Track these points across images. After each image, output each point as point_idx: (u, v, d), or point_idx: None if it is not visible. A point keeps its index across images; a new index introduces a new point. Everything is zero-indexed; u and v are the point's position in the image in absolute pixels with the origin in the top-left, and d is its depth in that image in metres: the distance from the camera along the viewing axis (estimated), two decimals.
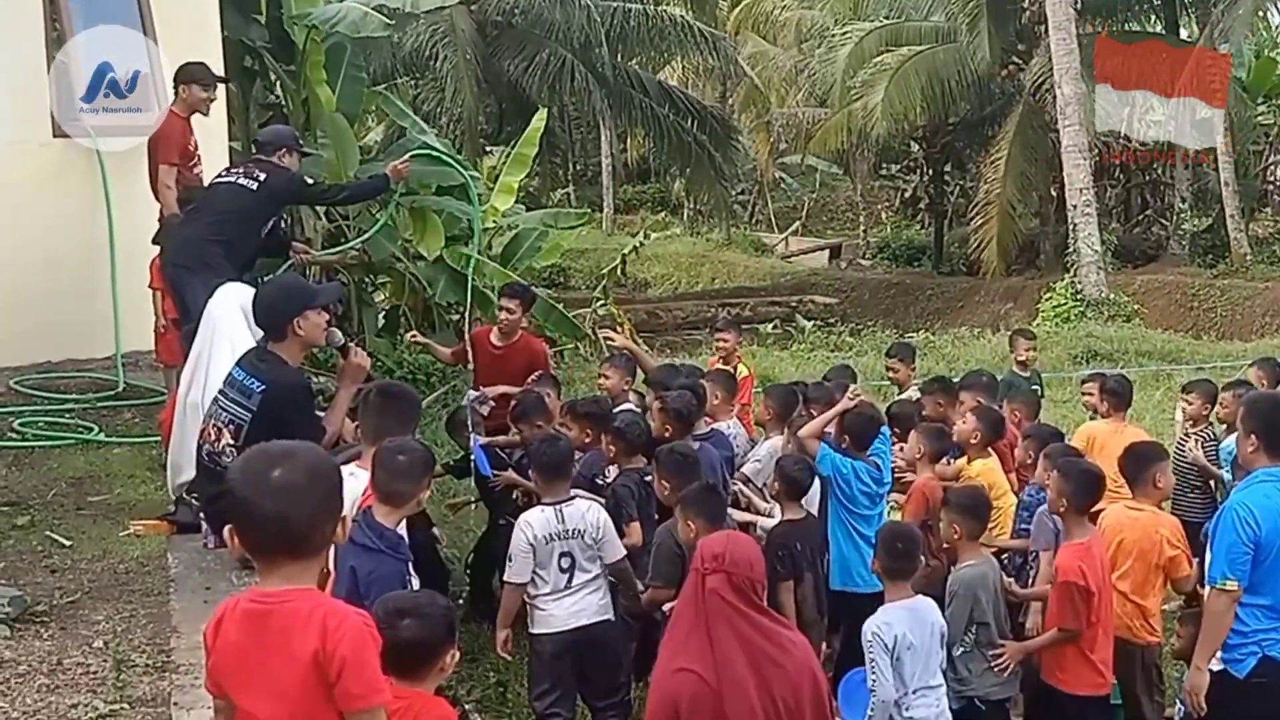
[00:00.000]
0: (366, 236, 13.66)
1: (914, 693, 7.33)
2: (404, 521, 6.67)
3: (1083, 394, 13.05)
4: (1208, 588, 7.22)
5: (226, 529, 4.46)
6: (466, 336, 12.07)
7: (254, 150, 11.20)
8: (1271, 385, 11.55)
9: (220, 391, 8.30)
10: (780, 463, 9.13)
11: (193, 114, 11.69)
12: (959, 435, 10.34)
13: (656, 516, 8.91)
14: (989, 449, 10.35)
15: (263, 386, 8.00)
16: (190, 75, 11.63)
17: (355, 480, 6.79)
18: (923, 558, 7.88)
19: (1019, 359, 14.29)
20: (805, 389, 11.06)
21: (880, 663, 7.24)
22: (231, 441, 8.05)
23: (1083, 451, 9.73)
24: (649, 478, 8.93)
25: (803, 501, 9.05)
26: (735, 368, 12.65)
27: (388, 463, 6.51)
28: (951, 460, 10.40)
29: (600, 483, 9.26)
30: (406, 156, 12.31)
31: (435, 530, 10.25)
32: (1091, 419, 12.32)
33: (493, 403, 10.93)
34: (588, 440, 9.65)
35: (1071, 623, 7.88)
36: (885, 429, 10.11)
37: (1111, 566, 8.23)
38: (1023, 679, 8.27)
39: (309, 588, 4.31)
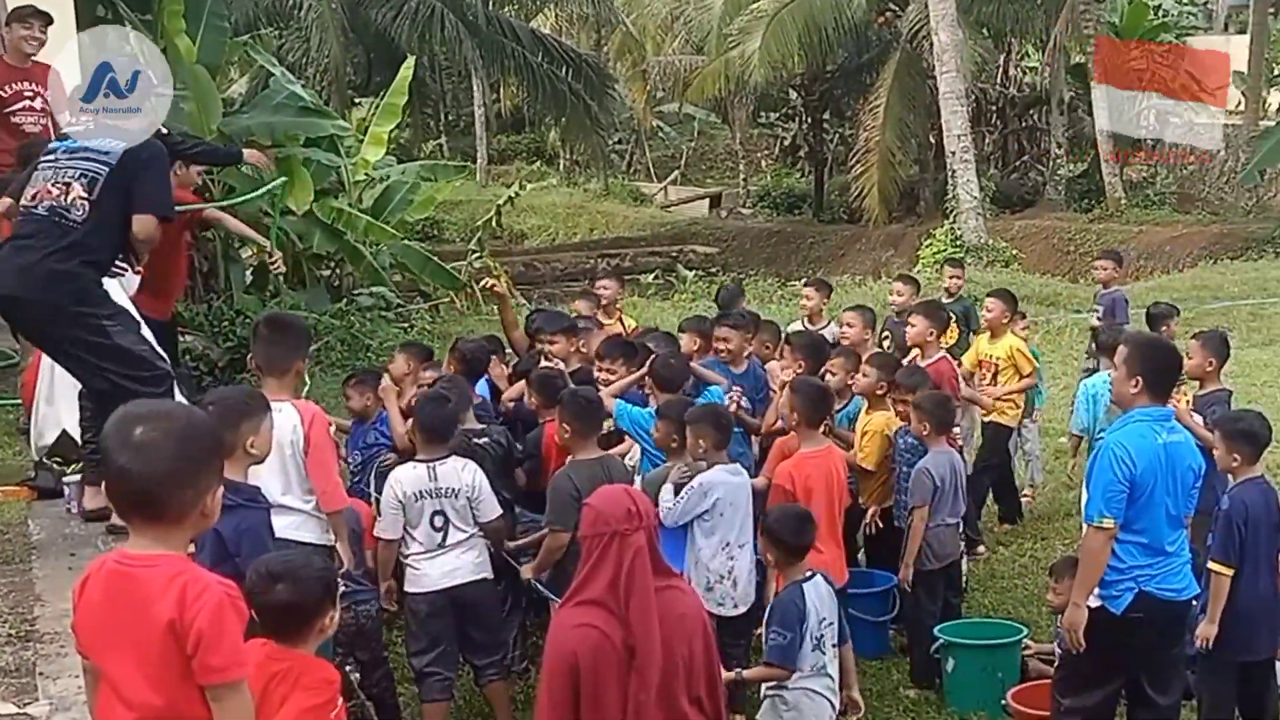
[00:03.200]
0: (246, 198, 13.05)
1: (739, 546, 8.33)
2: None
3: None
4: (1085, 525, 7.31)
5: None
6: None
7: None
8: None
9: (59, 157, 8.15)
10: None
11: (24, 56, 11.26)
12: (860, 389, 10.35)
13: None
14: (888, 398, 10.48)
15: (125, 144, 7.97)
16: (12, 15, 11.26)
17: (280, 416, 6.98)
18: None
19: (946, 286, 14.67)
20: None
21: (685, 506, 8.30)
22: (84, 194, 7.95)
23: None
24: (480, 440, 9.04)
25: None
26: (619, 319, 12.49)
27: None
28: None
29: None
30: (270, 160, 11.90)
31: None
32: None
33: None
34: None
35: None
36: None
37: None
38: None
39: (175, 554, 4.19)
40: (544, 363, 10.19)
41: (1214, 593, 7.66)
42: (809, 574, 7.36)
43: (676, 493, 8.46)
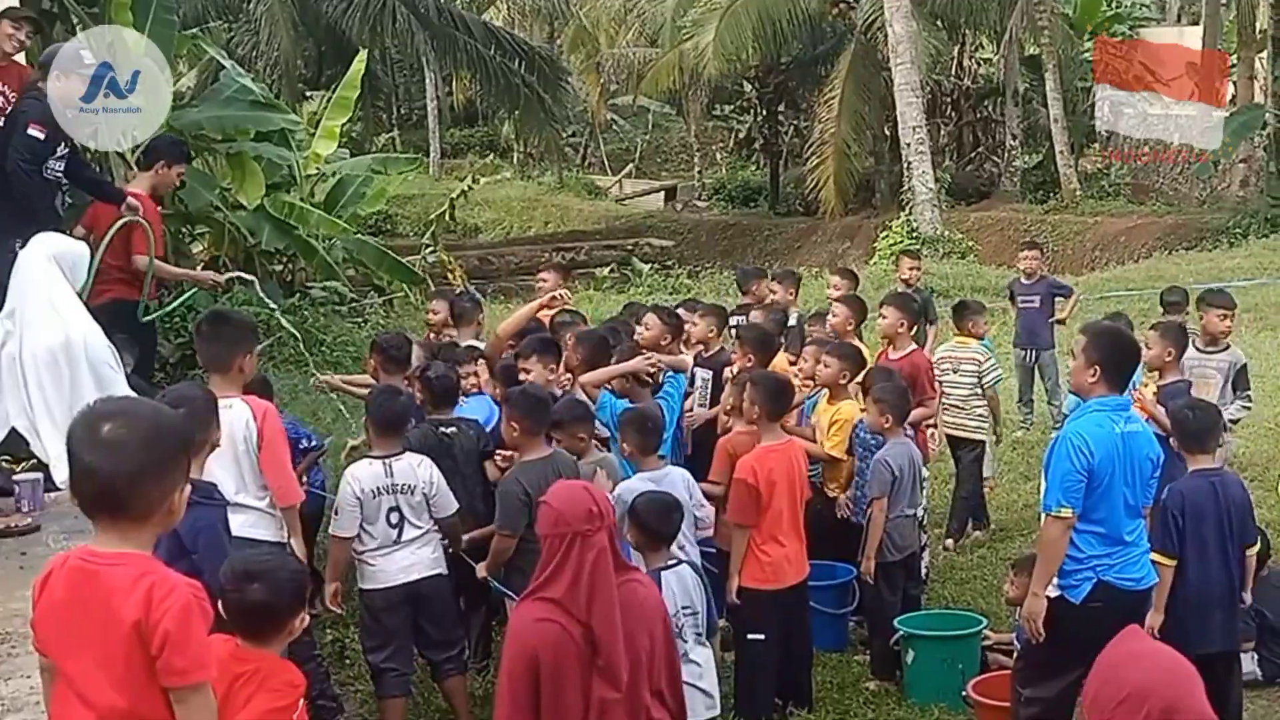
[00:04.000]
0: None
1: (679, 547, 7.83)
2: None
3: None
4: (1043, 515, 7.36)
5: None
6: None
7: None
8: None
9: None
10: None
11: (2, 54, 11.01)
12: (823, 380, 10.31)
13: None
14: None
15: None
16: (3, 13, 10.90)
17: (231, 412, 7.06)
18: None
19: (903, 277, 14.67)
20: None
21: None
22: None
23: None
24: (448, 430, 9.02)
25: None
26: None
27: None
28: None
29: None
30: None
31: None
32: None
33: None
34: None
35: (735, 516, 8.58)
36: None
37: None
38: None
39: (141, 553, 4.14)
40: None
41: (1159, 583, 7.67)
42: (673, 561, 7.35)
43: None
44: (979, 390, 12.10)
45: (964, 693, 8.67)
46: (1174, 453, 8.22)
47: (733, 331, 11.97)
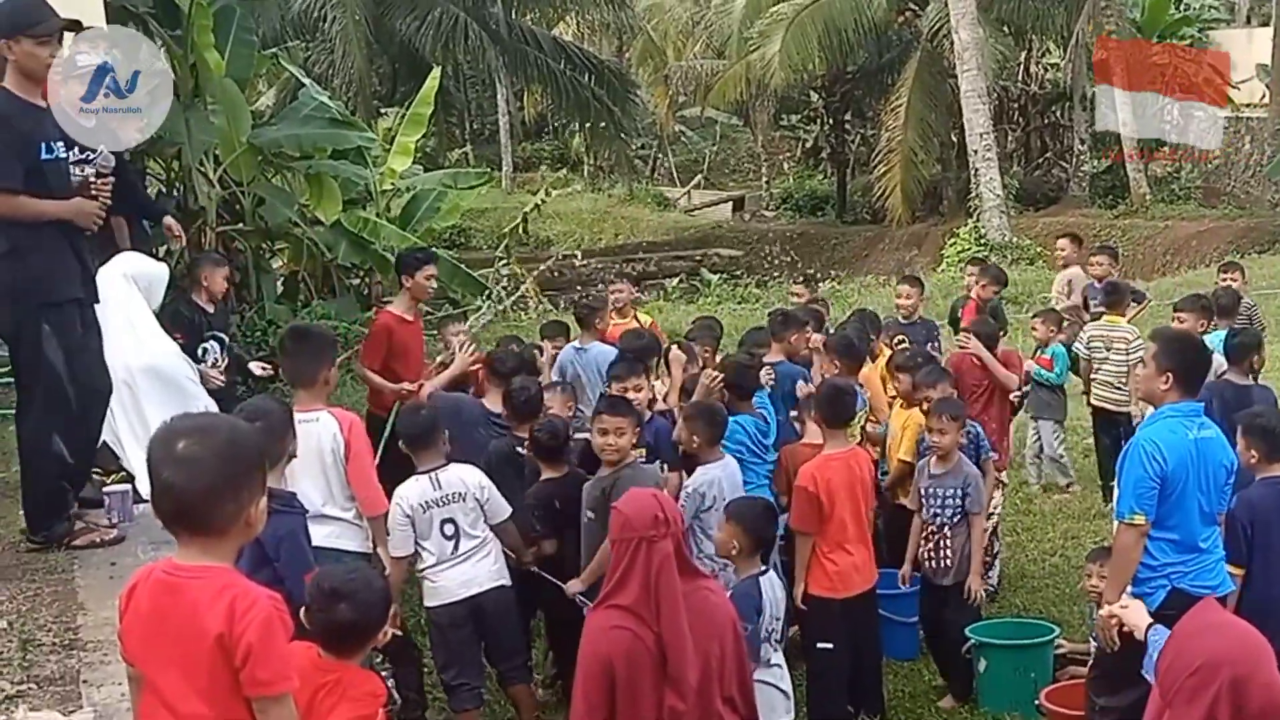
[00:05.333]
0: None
1: None
2: None
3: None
4: (1116, 522, 7.27)
5: None
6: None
7: None
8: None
9: None
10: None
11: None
12: (898, 390, 10.40)
13: None
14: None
15: None
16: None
17: (318, 425, 7.25)
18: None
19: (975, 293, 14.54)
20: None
21: (689, 510, 8.20)
22: None
23: None
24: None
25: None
26: (633, 320, 12.52)
27: None
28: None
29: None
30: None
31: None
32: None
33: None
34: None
35: (797, 523, 8.63)
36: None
37: None
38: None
39: (222, 566, 4.19)
40: None
41: (1232, 593, 7.52)
42: (763, 569, 7.45)
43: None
44: (1125, 368, 12.39)
45: (1037, 701, 8.65)
46: None
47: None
